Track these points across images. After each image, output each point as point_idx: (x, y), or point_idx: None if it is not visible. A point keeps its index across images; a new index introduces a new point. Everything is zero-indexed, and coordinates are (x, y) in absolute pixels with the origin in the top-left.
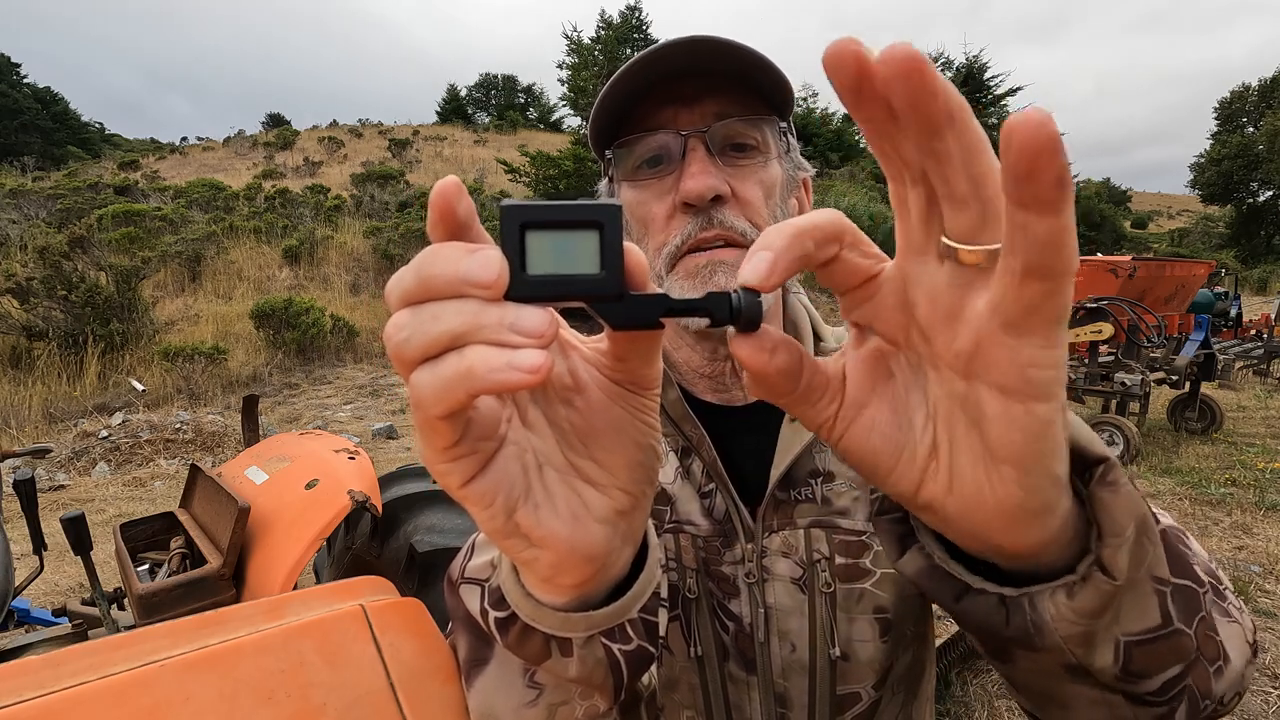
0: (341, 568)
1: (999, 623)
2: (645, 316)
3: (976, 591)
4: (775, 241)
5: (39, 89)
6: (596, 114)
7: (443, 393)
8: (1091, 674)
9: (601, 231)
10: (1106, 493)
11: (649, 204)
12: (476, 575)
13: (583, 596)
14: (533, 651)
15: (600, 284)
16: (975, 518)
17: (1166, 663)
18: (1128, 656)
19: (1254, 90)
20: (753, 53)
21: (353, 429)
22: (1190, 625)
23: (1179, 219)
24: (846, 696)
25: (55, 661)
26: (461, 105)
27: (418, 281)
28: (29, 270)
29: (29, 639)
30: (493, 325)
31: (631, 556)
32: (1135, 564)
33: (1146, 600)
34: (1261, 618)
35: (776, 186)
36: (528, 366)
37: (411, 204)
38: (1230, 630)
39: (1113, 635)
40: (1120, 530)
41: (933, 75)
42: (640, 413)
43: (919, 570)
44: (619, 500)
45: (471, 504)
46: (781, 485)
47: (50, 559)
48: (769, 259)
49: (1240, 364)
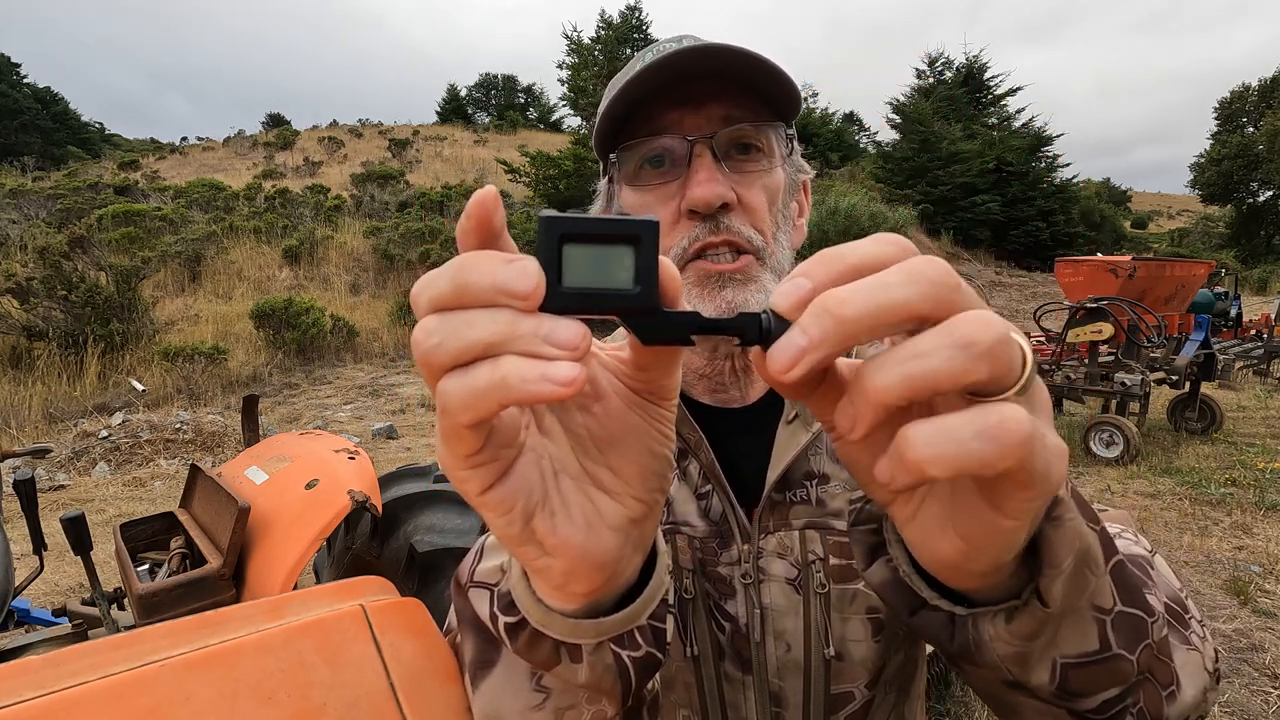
0: (341, 568)
1: (945, 638)
2: (677, 333)
3: (931, 608)
4: (817, 273)
5: (39, 89)
6: (603, 118)
7: (473, 401)
8: (1029, 690)
9: (638, 246)
10: (1051, 528)
11: (652, 207)
12: (486, 579)
13: (593, 603)
14: (542, 657)
15: (635, 299)
16: (922, 554)
17: (1103, 685)
18: (1064, 677)
19: (1254, 90)
20: (760, 58)
21: (353, 429)
22: (1132, 651)
23: (1179, 219)
24: (840, 696)
25: (55, 661)
26: (461, 105)
27: (453, 287)
28: (29, 270)
29: (29, 639)
30: (527, 336)
31: (641, 563)
32: (1074, 593)
33: (1085, 626)
34: (1261, 618)
35: (780, 192)
36: (562, 379)
37: (411, 204)
38: (1188, 658)
39: (1049, 656)
40: (1058, 562)
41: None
42: (657, 422)
43: (883, 582)
44: (632, 508)
45: (489, 510)
46: (778, 487)
47: (50, 559)
48: (806, 290)
49: (1240, 364)
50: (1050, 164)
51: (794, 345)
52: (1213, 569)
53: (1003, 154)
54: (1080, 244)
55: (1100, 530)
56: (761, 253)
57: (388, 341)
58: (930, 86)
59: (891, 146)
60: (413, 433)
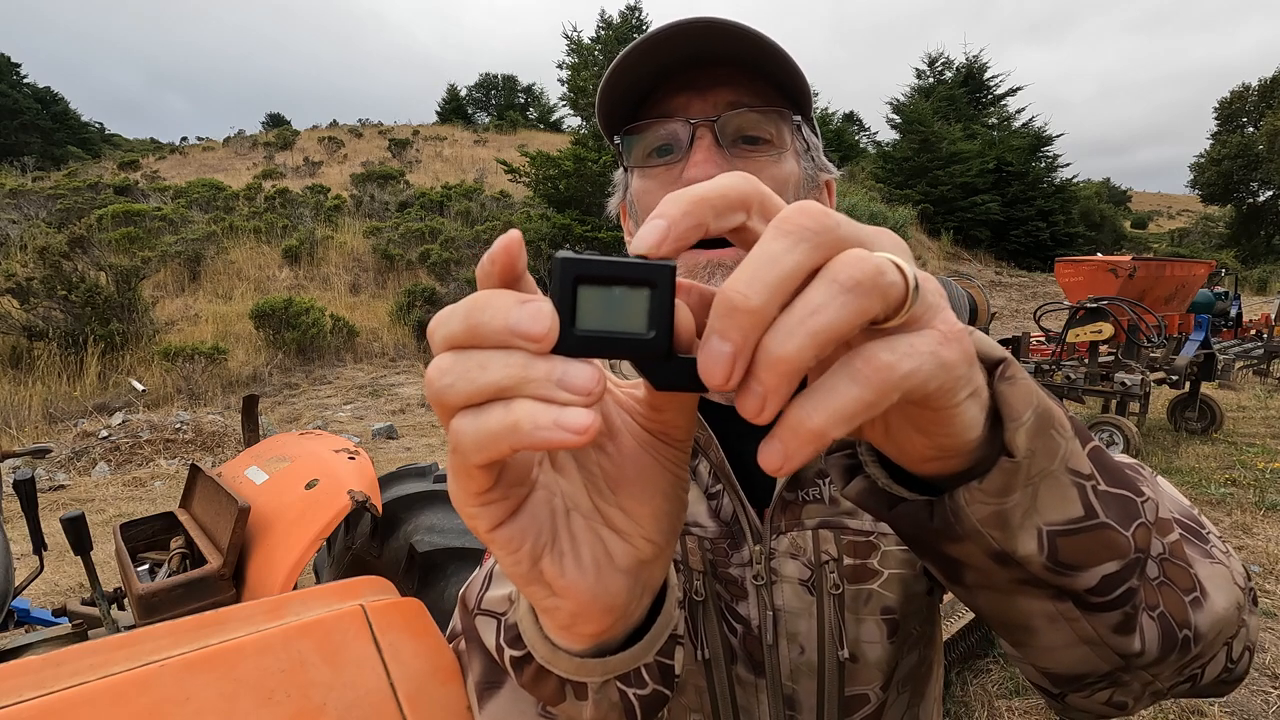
0: (341, 568)
1: (924, 519)
2: (690, 380)
3: (909, 501)
4: (670, 210)
5: (39, 89)
6: (603, 95)
7: (485, 443)
8: (1020, 564)
9: (653, 290)
10: (1005, 386)
11: (654, 193)
12: (493, 608)
13: (601, 643)
14: (548, 693)
15: (648, 345)
16: (898, 457)
17: (1097, 556)
18: (1052, 545)
19: (1254, 90)
20: (770, 43)
21: (353, 429)
22: (1125, 527)
23: (1179, 219)
24: (855, 698)
25: (55, 661)
26: (461, 105)
27: (466, 328)
28: (29, 270)
29: (29, 639)
30: (539, 380)
31: (650, 603)
32: (1043, 453)
33: (1065, 491)
34: (1261, 618)
35: (790, 184)
36: (575, 427)
37: (411, 204)
38: (1211, 570)
39: (1033, 524)
40: (1017, 415)
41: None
42: (671, 464)
43: (860, 491)
44: (643, 549)
45: (498, 548)
46: (789, 486)
47: (50, 559)
48: (661, 228)
49: (1240, 364)
50: (1050, 164)
51: (721, 354)
52: None
53: (1003, 154)
54: (1080, 244)
55: (1076, 422)
56: None
57: (388, 341)
58: (930, 86)
59: (891, 146)
60: (413, 433)
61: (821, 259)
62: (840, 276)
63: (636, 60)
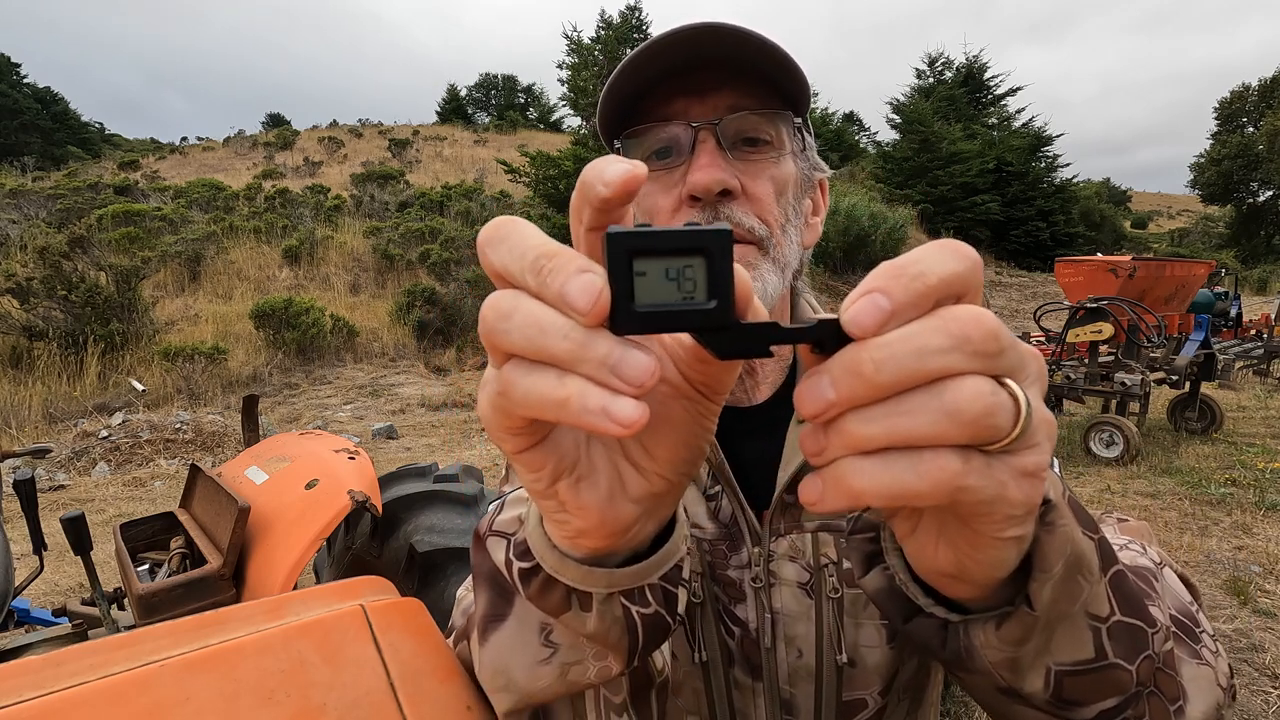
0: (341, 568)
1: (936, 645)
2: (754, 346)
3: (925, 615)
4: (896, 293)
5: (39, 89)
6: (605, 100)
7: (532, 404)
8: (1024, 697)
9: (709, 257)
10: (1043, 532)
11: (655, 196)
12: (504, 529)
13: (600, 557)
14: (553, 603)
15: (711, 316)
16: (919, 564)
17: (1099, 694)
18: (1058, 685)
19: (1254, 90)
20: (770, 45)
21: (353, 429)
22: (1131, 662)
23: (1179, 219)
24: (853, 703)
25: (55, 661)
26: (461, 105)
27: (533, 269)
28: (29, 270)
29: (29, 639)
30: (596, 361)
31: (655, 532)
32: (1065, 599)
33: (1080, 634)
34: (1261, 618)
35: (789, 184)
36: (623, 419)
37: (411, 204)
38: (1197, 672)
39: (1043, 663)
40: (1048, 567)
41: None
42: (702, 417)
43: (879, 589)
44: (656, 485)
45: (520, 465)
46: (789, 488)
47: (50, 559)
48: (886, 312)
49: (1240, 364)
50: (1050, 164)
51: (822, 398)
52: (1213, 569)
53: (1003, 154)
54: (1080, 244)
55: (1099, 539)
56: (765, 242)
57: (387, 341)
58: (930, 86)
59: (891, 146)
60: (413, 433)
61: (964, 371)
62: (944, 395)
63: (640, 66)
